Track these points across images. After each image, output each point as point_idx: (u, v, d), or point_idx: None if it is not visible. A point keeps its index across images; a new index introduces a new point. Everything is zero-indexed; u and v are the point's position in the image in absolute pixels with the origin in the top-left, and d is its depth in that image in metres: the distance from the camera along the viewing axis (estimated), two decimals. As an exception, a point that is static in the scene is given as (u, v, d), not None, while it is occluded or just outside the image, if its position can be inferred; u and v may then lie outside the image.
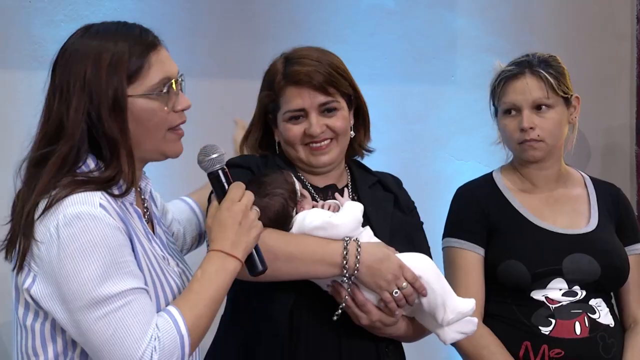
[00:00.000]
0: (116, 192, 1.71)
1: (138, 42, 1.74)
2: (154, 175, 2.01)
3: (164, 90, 1.74)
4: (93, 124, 1.70)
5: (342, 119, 2.18)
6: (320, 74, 2.13)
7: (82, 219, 1.61)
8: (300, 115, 2.15)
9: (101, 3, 2.86)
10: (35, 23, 2.79)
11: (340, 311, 2.02)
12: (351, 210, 2.04)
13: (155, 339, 1.61)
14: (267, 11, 3.07)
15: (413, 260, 2.05)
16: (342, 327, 2.06)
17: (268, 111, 2.22)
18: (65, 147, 1.69)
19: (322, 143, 2.16)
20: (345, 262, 1.98)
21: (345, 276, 1.99)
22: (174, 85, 1.77)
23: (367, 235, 2.08)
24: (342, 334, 2.07)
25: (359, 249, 2.00)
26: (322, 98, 2.14)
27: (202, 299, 1.69)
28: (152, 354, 1.60)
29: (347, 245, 2.00)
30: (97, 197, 1.65)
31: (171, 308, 1.67)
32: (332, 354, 2.07)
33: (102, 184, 1.68)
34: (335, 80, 2.15)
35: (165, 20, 2.91)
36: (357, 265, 1.99)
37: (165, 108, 1.75)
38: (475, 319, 2.08)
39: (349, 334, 2.07)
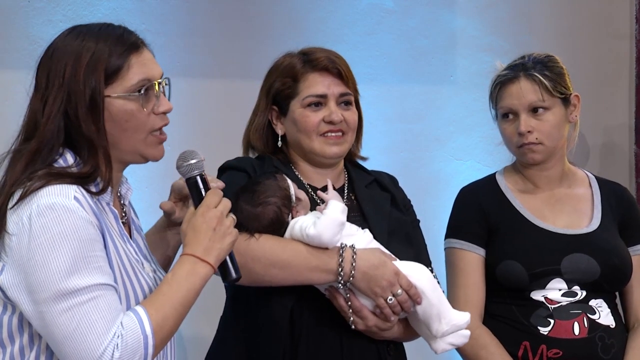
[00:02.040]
0: (93, 189, 1.70)
1: (119, 42, 1.73)
2: (148, 176, 2.01)
3: (142, 92, 1.73)
4: (70, 122, 1.70)
5: (355, 114, 2.23)
6: (342, 65, 2.20)
7: (55, 210, 1.61)
8: (320, 101, 2.18)
9: (100, 3, 2.86)
10: (34, 23, 2.79)
11: (352, 319, 2.03)
12: (330, 215, 1.99)
13: (118, 336, 1.59)
14: (267, 11, 3.07)
15: (409, 270, 2.05)
16: (343, 328, 2.06)
17: (278, 100, 2.22)
18: (34, 144, 1.69)
19: (338, 133, 2.19)
20: (340, 269, 1.99)
21: (340, 283, 2.00)
22: (156, 87, 1.76)
23: (367, 239, 2.08)
24: (344, 334, 2.07)
25: (354, 256, 2.00)
26: (342, 88, 2.19)
27: (170, 301, 1.67)
28: (113, 351, 1.58)
29: (342, 252, 2.00)
30: (72, 190, 1.64)
31: (138, 308, 1.66)
32: (333, 355, 2.07)
33: (78, 179, 1.68)
34: (351, 76, 2.22)
35: (165, 20, 2.92)
36: (353, 272, 1.99)
37: (144, 110, 1.74)
38: (468, 332, 2.07)
39: (350, 334, 2.07)
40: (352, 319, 2.02)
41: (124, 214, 1.85)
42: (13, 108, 2.74)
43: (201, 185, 1.81)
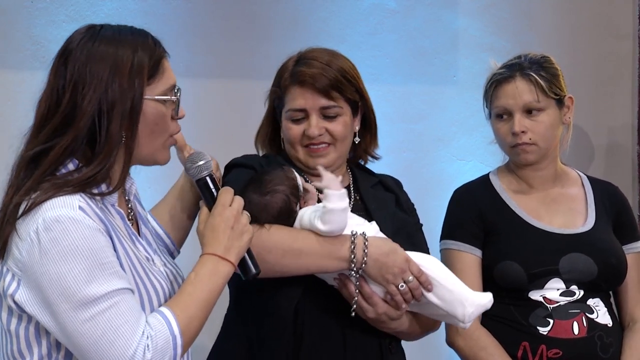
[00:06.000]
0: (95, 191, 1.70)
1: (154, 50, 1.76)
2: (149, 177, 2.02)
3: (175, 96, 1.77)
4: (100, 121, 1.69)
5: (343, 124, 2.19)
6: (326, 78, 2.14)
7: (62, 222, 1.60)
8: (300, 115, 2.17)
9: (103, 3, 2.87)
10: (37, 23, 2.80)
11: (355, 306, 2.03)
12: (331, 207, 1.98)
13: (147, 337, 1.61)
14: (268, 11, 3.08)
15: (420, 259, 2.07)
16: (346, 322, 2.07)
17: (275, 107, 2.24)
18: (69, 137, 1.68)
19: (320, 146, 2.18)
20: (353, 256, 1.99)
21: (353, 270, 2.01)
22: (178, 93, 1.80)
23: (373, 231, 2.08)
24: (347, 329, 2.08)
25: (366, 242, 2.01)
26: (323, 102, 2.16)
27: (195, 301, 1.69)
28: (144, 351, 1.59)
29: (354, 239, 2.01)
30: (75, 200, 1.64)
31: (163, 309, 1.67)
32: (336, 349, 2.08)
33: (80, 185, 1.67)
34: (340, 86, 2.16)
35: (166, 20, 2.92)
36: (365, 258, 2.00)
37: (171, 114, 1.77)
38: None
39: (354, 328, 2.08)
40: (354, 305, 2.02)
41: (129, 210, 1.86)
42: (15, 108, 2.75)
43: (212, 186, 1.85)
